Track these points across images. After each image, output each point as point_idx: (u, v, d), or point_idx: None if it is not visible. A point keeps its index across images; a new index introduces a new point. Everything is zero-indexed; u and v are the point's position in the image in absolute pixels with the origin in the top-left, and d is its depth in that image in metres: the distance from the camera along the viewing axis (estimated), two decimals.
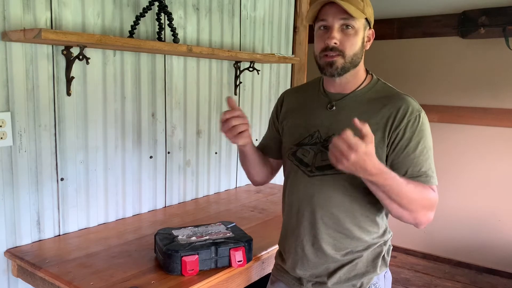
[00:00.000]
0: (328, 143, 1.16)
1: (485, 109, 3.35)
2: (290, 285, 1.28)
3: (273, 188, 2.42)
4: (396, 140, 1.13)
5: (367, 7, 1.15)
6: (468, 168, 3.45)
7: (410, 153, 1.13)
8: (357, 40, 1.15)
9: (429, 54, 3.56)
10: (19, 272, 1.43)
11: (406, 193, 1.07)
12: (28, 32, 1.29)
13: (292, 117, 1.32)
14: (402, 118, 1.13)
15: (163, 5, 1.75)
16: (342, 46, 1.14)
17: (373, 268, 1.21)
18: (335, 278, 1.20)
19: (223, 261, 1.33)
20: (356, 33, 1.14)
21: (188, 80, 2.05)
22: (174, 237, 1.35)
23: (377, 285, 1.22)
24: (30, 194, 1.51)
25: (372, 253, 1.21)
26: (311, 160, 1.21)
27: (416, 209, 1.10)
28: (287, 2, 2.65)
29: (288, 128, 1.31)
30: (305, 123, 1.25)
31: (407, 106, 1.15)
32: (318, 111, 1.24)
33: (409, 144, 1.13)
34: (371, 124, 1.10)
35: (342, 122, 1.17)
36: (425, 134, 1.14)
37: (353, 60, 1.16)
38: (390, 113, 1.15)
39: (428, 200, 1.11)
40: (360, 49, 1.17)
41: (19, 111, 1.44)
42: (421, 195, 1.10)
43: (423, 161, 1.13)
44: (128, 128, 1.80)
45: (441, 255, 3.63)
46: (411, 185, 1.09)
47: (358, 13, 1.11)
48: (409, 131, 1.13)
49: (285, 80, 2.74)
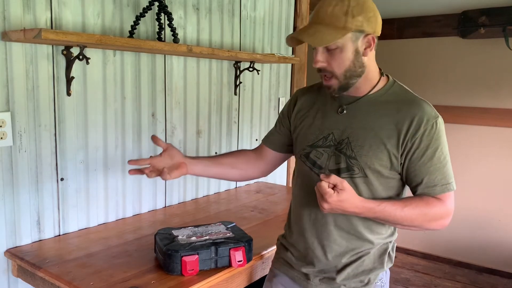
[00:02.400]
0: (343, 147, 1.17)
1: (485, 109, 3.35)
2: (296, 279, 1.29)
3: (273, 188, 2.42)
4: (413, 149, 1.12)
5: (354, 19, 1.08)
6: (468, 168, 3.45)
7: (427, 162, 1.12)
8: (345, 57, 1.11)
9: (429, 54, 3.56)
10: (19, 272, 1.43)
11: (404, 217, 1.11)
12: (28, 32, 1.29)
13: (306, 116, 1.30)
14: (418, 127, 1.11)
15: (163, 5, 1.75)
16: (330, 67, 1.13)
17: (380, 264, 1.23)
18: (343, 275, 1.21)
19: (223, 261, 1.32)
20: (342, 50, 1.10)
21: (188, 80, 2.05)
22: (174, 237, 1.35)
23: (383, 280, 1.25)
24: (30, 194, 1.51)
25: (379, 250, 1.23)
26: (324, 163, 1.21)
27: (421, 224, 1.13)
28: (287, 2, 2.65)
29: (301, 128, 1.30)
30: (319, 124, 1.24)
31: (423, 114, 1.12)
32: (331, 114, 1.23)
33: (426, 152, 1.12)
34: (386, 129, 1.13)
35: (354, 125, 1.17)
36: (442, 141, 1.14)
37: (349, 76, 1.13)
38: (405, 120, 1.12)
39: (433, 215, 1.13)
40: (354, 62, 1.12)
41: (19, 111, 1.44)
42: (422, 213, 1.12)
43: (439, 168, 1.13)
44: (128, 128, 1.80)
45: (441, 255, 3.63)
46: (408, 208, 1.11)
47: (332, 37, 1.07)
48: (425, 139, 1.11)
49: (285, 80, 2.74)
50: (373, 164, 1.13)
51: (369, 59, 1.15)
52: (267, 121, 2.61)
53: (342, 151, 1.16)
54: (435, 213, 1.13)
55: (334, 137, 1.20)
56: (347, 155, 1.16)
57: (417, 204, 1.12)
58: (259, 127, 2.55)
